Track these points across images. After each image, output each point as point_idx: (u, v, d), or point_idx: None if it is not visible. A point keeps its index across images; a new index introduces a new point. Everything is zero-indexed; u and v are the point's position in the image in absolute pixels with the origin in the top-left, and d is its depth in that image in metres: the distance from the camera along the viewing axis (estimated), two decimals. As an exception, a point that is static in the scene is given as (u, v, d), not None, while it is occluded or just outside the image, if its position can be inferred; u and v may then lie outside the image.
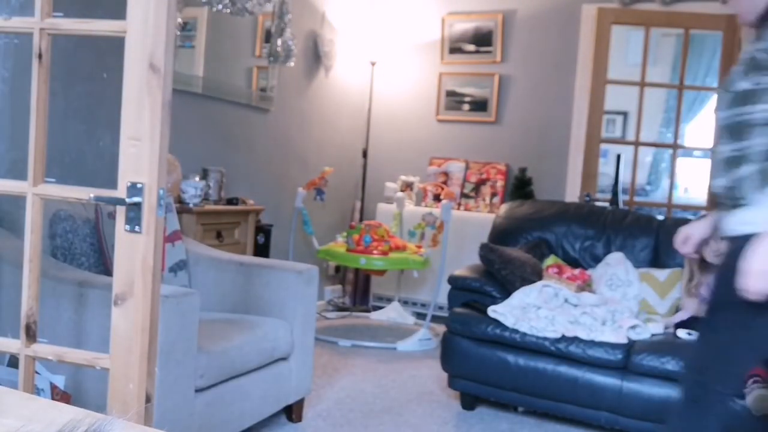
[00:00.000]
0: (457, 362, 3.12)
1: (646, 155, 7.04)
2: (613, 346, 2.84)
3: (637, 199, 5.34)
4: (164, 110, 1.40)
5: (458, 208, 4.94)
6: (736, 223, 1.73)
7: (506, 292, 3.19)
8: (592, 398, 2.86)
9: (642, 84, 4.69)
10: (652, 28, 4.62)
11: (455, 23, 5.12)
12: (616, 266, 3.38)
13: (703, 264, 3.03)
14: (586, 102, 4.77)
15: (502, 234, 3.70)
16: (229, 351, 2.37)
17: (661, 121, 6.74)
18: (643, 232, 3.53)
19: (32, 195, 1.49)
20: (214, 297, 2.85)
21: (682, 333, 2.96)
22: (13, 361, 2.07)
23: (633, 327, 2.95)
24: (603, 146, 4.86)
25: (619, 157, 4.57)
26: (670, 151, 6.80)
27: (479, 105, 5.08)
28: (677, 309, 3.22)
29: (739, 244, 1.68)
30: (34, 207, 1.49)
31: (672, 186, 4.97)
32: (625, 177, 4.71)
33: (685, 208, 5.38)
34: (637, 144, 4.82)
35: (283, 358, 2.73)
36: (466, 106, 5.11)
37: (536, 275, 3.27)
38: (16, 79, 2.60)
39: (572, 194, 4.79)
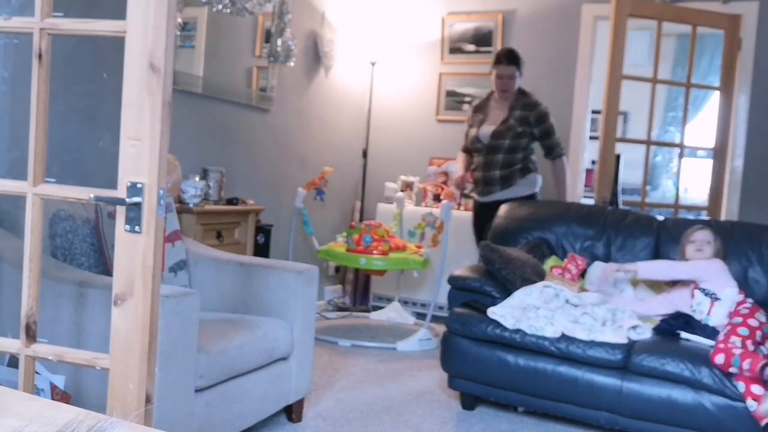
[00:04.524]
0: (457, 362, 3.12)
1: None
2: (613, 347, 2.84)
3: (635, 199, 5.32)
4: (164, 110, 1.40)
5: (458, 208, 4.93)
6: None
7: (506, 292, 3.19)
8: (592, 398, 2.86)
9: (653, 81, 4.68)
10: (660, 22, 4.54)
11: (455, 23, 5.12)
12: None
13: None
14: (586, 102, 4.76)
15: (502, 234, 3.70)
16: (229, 351, 2.37)
17: (662, 120, 6.73)
18: (643, 232, 3.53)
19: (32, 195, 1.49)
20: (214, 297, 2.85)
21: (685, 335, 2.95)
22: (13, 361, 2.07)
23: (633, 327, 2.95)
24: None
25: (618, 157, 4.56)
26: (669, 150, 6.82)
27: (479, 105, 5.07)
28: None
29: None
30: (34, 207, 1.49)
31: (678, 186, 4.94)
32: (624, 177, 4.70)
33: (690, 208, 5.36)
34: (636, 143, 4.81)
35: (283, 358, 2.73)
36: (466, 106, 5.11)
37: (537, 275, 3.27)
38: (16, 79, 2.60)
39: (572, 194, 4.79)
